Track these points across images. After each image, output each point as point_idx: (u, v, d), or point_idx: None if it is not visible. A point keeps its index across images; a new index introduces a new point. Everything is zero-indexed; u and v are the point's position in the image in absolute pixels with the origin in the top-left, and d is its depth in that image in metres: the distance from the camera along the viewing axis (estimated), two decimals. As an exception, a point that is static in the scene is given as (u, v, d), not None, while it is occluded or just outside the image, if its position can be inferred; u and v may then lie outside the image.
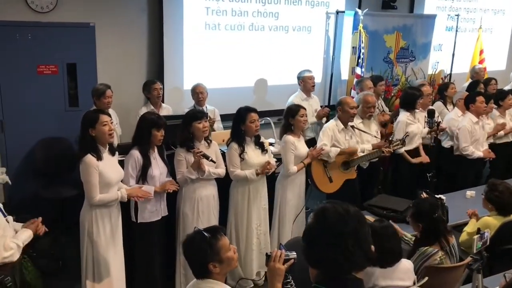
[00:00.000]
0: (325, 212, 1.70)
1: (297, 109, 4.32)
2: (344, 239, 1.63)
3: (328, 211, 1.69)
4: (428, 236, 3.14)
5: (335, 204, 1.72)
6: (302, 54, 6.66)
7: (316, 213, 1.73)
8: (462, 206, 4.33)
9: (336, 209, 1.69)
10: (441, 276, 3.01)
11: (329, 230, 1.66)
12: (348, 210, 1.69)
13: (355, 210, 1.71)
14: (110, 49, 5.37)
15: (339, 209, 1.68)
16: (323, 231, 1.68)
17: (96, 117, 3.40)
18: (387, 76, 7.02)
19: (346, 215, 1.66)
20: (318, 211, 1.72)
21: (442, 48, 8.17)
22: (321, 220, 1.70)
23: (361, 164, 4.77)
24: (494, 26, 8.95)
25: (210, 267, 2.25)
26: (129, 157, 3.67)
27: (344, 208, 1.69)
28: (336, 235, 1.64)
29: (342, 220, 1.65)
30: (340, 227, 1.64)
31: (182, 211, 3.97)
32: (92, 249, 3.52)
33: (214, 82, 5.93)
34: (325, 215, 1.69)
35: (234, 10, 6.03)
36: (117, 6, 5.38)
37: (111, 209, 3.53)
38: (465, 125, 5.33)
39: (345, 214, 1.67)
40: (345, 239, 1.63)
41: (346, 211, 1.68)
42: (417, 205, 3.28)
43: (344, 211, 1.68)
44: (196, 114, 3.96)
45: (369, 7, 6.78)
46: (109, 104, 4.80)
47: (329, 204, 1.73)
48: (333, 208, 1.69)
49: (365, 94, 5.04)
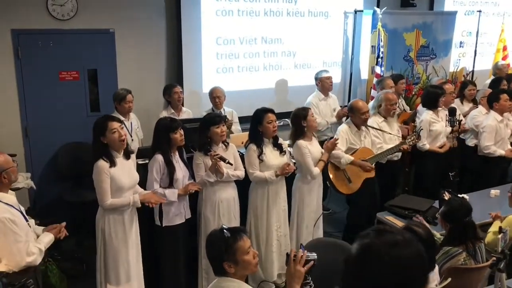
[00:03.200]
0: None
1: (305, 111, 4.27)
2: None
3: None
4: (455, 237, 3.09)
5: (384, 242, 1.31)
6: (320, 54, 6.64)
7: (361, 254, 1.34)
8: (486, 206, 4.25)
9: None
10: (464, 277, 2.96)
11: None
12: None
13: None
14: (129, 54, 5.45)
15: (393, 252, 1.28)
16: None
17: (105, 126, 3.41)
18: (407, 75, 6.94)
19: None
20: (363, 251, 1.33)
21: (464, 45, 8.04)
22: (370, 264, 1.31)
23: (380, 160, 4.72)
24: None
25: (225, 266, 2.26)
26: (153, 161, 3.71)
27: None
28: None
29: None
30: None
31: (204, 214, 4.00)
32: (105, 253, 3.56)
33: (232, 85, 5.97)
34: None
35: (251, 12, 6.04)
36: (136, 12, 5.45)
37: (124, 214, 3.55)
38: (490, 124, 5.23)
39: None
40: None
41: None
42: (450, 205, 3.22)
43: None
44: (214, 118, 3.98)
45: (387, 6, 6.72)
46: (130, 109, 4.86)
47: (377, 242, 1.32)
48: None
49: (386, 92, 4.99)
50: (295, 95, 6.29)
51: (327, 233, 5.02)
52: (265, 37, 6.20)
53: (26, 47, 4.89)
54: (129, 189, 3.54)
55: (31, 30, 4.90)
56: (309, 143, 4.28)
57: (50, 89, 5.04)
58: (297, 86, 6.44)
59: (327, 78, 5.68)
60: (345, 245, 3.40)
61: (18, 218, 2.83)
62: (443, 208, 3.26)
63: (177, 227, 3.83)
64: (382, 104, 4.85)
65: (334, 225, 5.39)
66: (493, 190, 4.62)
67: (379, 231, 1.34)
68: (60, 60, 5.04)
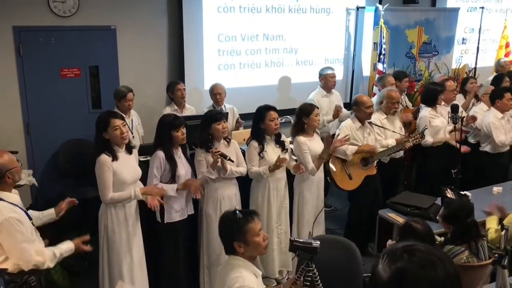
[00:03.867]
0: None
1: (312, 108, 4.26)
2: None
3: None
4: (458, 238, 3.08)
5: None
6: (322, 51, 6.62)
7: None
8: (489, 203, 4.23)
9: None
10: (467, 275, 2.95)
11: None
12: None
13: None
14: (131, 51, 5.44)
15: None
16: None
17: (108, 122, 3.43)
18: (409, 72, 6.92)
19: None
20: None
21: (466, 42, 8.02)
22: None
23: (382, 159, 4.70)
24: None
25: (235, 246, 2.38)
26: (154, 158, 3.71)
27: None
28: None
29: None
30: None
31: (205, 211, 3.99)
32: (108, 248, 3.57)
33: (234, 82, 5.97)
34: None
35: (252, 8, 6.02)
36: (138, 9, 5.44)
37: (127, 209, 3.56)
38: (493, 122, 5.21)
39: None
40: None
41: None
42: (450, 207, 3.18)
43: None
44: (215, 115, 3.97)
45: (390, 2, 6.71)
46: (129, 107, 4.87)
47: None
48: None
49: (389, 90, 4.97)
50: (297, 92, 6.28)
51: (329, 230, 5.02)
52: (266, 34, 6.19)
53: (28, 44, 4.89)
54: (131, 184, 3.54)
55: (33, 27, 4.89)
56: (309, 139, 4.28)
57: (52, 86, 5.04)
58: (299, 83, 6.43)
59: (331, 76, 5.64)
60: (346, 242, 3.38)
61: (23, 217, 2.83)
62: (443, 210, 3.22)
63: (178, 223, 3.82)
64: (384, 101, 4.84)
65: (336, 222, 5.38)
66: (495, 187, 4.60)
67: (411, 252, 1.26)
68: (61, 57, 5.04)
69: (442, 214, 3.19)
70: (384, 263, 1.28)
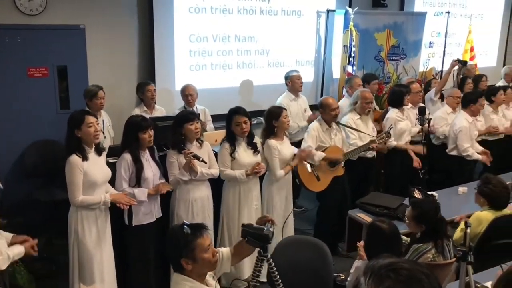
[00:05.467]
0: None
1: (280, 111, 4.29)
2: None
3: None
4: (429, 236, 3.14)
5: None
6: (293, 53, 6.68)
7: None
8: (455, 202, 4.36)
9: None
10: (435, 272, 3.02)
11: None
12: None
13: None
14: (101, 51, 5.35)
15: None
16: None
17: (82, 119, 3.39)
18: (378, 74, 7.04)
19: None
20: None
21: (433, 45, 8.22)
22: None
23: (351, 158, 4.77)
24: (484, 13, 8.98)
25: (183, 263, 2.24)
26: (121, 160, 3.66)
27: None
28: None
29: None
30: None
31: (176, 213, 3.97)
32: (79, 250, 3.51)
33: (205, 83, 5.95)
34: None
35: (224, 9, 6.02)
36: (107, 8, 5.36)
37: (97, 212, 3.51)
38: (464, 126, 5.34)
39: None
40: None
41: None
42: (420, 206, 3.22)
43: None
44: (188, 115, 3.95)
45: (359, 6, 6.80)
46: (101, 105, 4.81)
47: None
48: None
49: (363, 91, 5.07)
50: (268, 93, 6.30)
51: (300, 231, 5.07)
52: (238, 35, 6.20)
53: (-7, 43, 4.76)
54: (102, 185, 3.51)
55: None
56: (280, 143, 4.30)
57: (18, 86, 4.91)
58: (270, 84, 6.46)
59: (297, 78, 5.70)
60: (317, 242, 3.42)
61: None
62: (412, 211, 3.23)
63: (147, 226, 3.78)
64: (358, 101, 4.93)
65: (307, 222, 5.44)
66: (461, 188, 4.74)
67: (396, 270, 1.28)
68: (28, 56, 4.91)
69: (412, 215, 3.21)
70: (369, 283, 1.30)
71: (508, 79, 7.36)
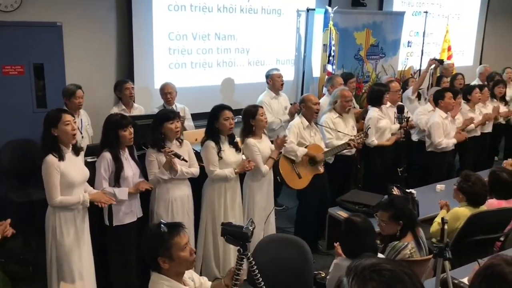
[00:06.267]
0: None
1: (256, 109, 4.29)
2: None
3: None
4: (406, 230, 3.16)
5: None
6: (273, 52, 6.68)
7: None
8: (432, 200, 4.41)
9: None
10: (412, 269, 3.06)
11: None
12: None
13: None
14: (78, 48, 5.28)
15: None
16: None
17: (59, 117, 3.33)
18: (358, 73, 7.10)
19: None
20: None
21: (412, 45, 8.31)
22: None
23: (326, 159, 4.80)
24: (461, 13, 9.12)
25: (160, 261, 2.24)
26: (100, 159, 3.61)
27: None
28: None
29: None
30: None
31: (156, 212, 3.93)
32: (57, 252, 3.46)
33: (185, 81, 5.92)
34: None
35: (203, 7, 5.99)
36: (85, 5, 5.29)
37: (75, 212, 3.46)
38: (436, 121, 5.44)
39: None
40: None
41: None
42: (393, 205, 3.22)
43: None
44: (168, 114, 3.92)
45: (339, 5, 6.83)
46: (80, 105, 4.74)
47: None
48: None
49: (342, 89, 5.10)
50: (248, 92, 6.29)
51: (280, 229, 5.08)
52: (218, 33, 6.17)
53: (-34, 40, 4.65)
54: (80, 185, 3.45)
55: (-29, 21, 4.67)
56: (259, 141, 4.30)
57: (-7, 84, 4.82)
58: (250, 83, 6.45)
59: (278, 76, 5.71)
60: (297, 240, 3.43)
61: None
62: (387, 212, 3.20)
63: (128, 226, 3.74)
64: (338, 100, 4.96)
65: (288, 221, 5.45)
66: (438, 185, 4.81)
67: (379, 272, 1.30)
68: (3, 54, 4.81)
69: (388, 216, 3.19)
70: (352, 284, 1.31)
71: (483, 78, 7.49)
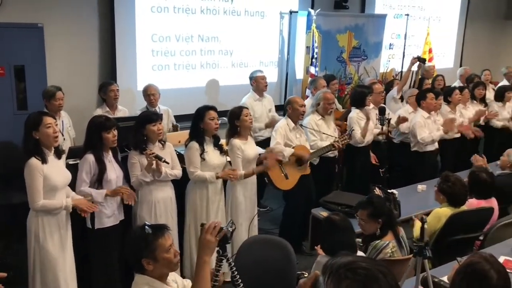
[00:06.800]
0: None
1: (240, 110, 4.30)
2: None
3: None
4: (387, 229, 3.21)
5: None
6: (257, 53, 6.70)
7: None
8: (414, 200, 4.48)
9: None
10: (393, 268, 3.09)
11: None
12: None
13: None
14: (60, 50, 5.24)
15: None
16: None
17: (40, 119, 3.29)
18: (340, 75, 7.17)
19: None
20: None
21: (393, 47, 8.41)
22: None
23: (312, 160, 4.84)
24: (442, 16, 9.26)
25: (144, 263, 2.24)
26: (83, 161, 3.58)
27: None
28: None
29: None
30: None
31: (139, 215, 3.91)
32: (40, 256, 3.41)
33: (169, 83, 5.91)
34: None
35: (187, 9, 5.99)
36: (66, 6, 5.25)
37: (58, 216, 3.42)
38: (418, 120, 5.54)
39: None
40: None
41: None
42: (371, 203, 3.28)
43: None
44: (151, 116, 3.90)
45: (321, 7, 6.89)
46: (60, 107, 4.69)
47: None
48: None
49: (325, 92, 5.15)
50: (232, 93, 6.30)
51: (264, 230, 5.09)
52: (201, 35, 6.17)
53: None
54: (62, 188, 3.42)
55: (-50, 22, 4.59)
56: (244, 142, 4.31)
57: (-27, 85, 4.75)
58: (234, 85, 6.47)
59: (261, 78, 5.73)
60: (281, 241, 3.45)
61: None
62: (366, 211, 3.25)
63: (110, 229, 3.72)
64: (321, 103, 5.00)
65: (271, 222, 5.47)
66: (419, 186, 4.87)
67: (354, 270, 1.34)
68: (-17, 55, 4.76)
69: (367, 214, 3.24)
70: (328, 283, 1.34)
71: (463, 80, 7.61)
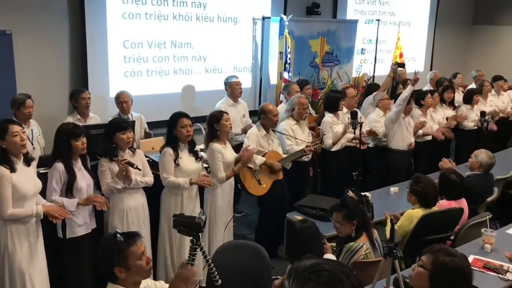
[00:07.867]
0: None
1: (220, 114, 4.33)
2: None
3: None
4: (361, 230, 3.23)
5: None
6: (231, 59, 6.71)
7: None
8: (387, 202, 4.53)
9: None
10: (367, 270, 3.12)
11: None
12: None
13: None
14: (29, 57, 5.15)
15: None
16: None
17: (5, 128, 3.23)
18: (313, 80, 7.23)
19: None
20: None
21: (365, 52, 8.54)
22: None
23: (284, 165, 4.85)
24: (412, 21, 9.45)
25: (116, 271, 2.23)
26: (53, 170, 3.52)
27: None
28: None
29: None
30: None
31: (111, 223, 3.85)
32: (9, 266, 3.33)
33: (141, 89, 5.86)
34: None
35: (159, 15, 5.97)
36: (36, 13, 5.16)
37: (28, 225, 3.36)
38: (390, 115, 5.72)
39: None
40: None
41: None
42: (345, 205, 3.31)
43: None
44: (120, 124, 3.85)
45: (294, 13, 6.95)
46: (30, 115, 4.60)
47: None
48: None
49: (299, 97, 5.18)
50: (206, 99, 6.29)
51: (240, 236, 5.08)
52: (174, 41, 6.16)
53: None
54: (32, 197, 3.35)
55: None
56: (223, 146, 4.32)
57: None
58: (208, 90, 6.46)
59: (236, 84, 5.74)
60: (256, 246, 3.45)
61: None
62: (340, 213, 3.27)
63: (82, 238, 3.66)
64: (295, 108, 5.03)
65: (247, 227, 5.46)
66: (392, 188, 4.94)
67: (318, 273, 1.36)
68: (-51, 62, 4.64)
69: (342, 216, 3.26)
70: (292, 286, 1.37)
71: (433, 83, 7.76)
